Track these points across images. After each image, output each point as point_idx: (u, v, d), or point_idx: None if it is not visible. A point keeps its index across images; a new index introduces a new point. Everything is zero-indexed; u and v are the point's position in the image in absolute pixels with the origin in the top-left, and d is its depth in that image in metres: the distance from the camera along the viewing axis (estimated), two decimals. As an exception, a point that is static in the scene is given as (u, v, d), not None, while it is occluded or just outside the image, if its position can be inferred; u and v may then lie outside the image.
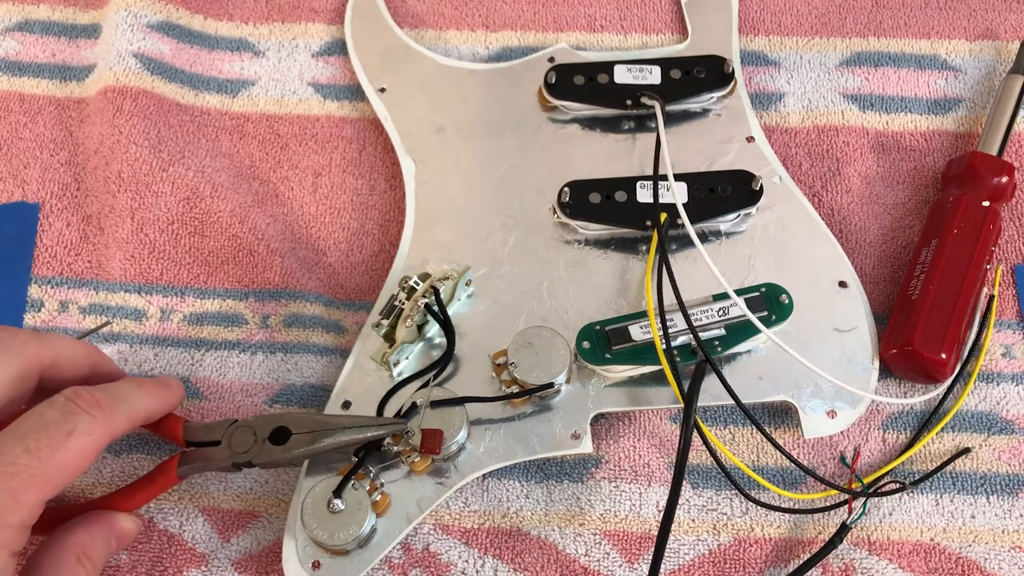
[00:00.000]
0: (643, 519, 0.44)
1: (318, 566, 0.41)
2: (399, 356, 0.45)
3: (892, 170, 0.52)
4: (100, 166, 0.51)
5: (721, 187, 0.48)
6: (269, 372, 0.47)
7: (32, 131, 0.53)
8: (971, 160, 0.49)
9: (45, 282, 0.49)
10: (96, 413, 0.35)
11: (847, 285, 0.47)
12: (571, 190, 0.48)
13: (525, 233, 0.49)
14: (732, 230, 0.49)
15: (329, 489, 0.40)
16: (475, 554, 0.43)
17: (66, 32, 0.56)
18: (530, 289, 0.47)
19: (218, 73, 0.55)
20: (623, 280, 0.47)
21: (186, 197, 0.50)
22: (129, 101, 0.52)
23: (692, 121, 0.51)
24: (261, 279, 0.49)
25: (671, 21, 0.56)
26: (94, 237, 0.50)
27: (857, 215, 0.50)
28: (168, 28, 0.55)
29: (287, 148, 0.53)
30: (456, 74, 0.53)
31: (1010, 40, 0.55)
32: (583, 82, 0.51)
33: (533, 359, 0.43)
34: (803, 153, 0.52)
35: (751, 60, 0.54)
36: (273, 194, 0.52)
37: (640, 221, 0.47)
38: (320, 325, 0.48)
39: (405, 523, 0.42)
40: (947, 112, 0.53)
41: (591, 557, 0.43)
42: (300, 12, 0.56)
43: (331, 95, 0.54)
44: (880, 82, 0.54)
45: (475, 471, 0.43)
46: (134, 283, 0.49)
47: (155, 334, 0.48)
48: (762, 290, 0.45)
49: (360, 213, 0.51)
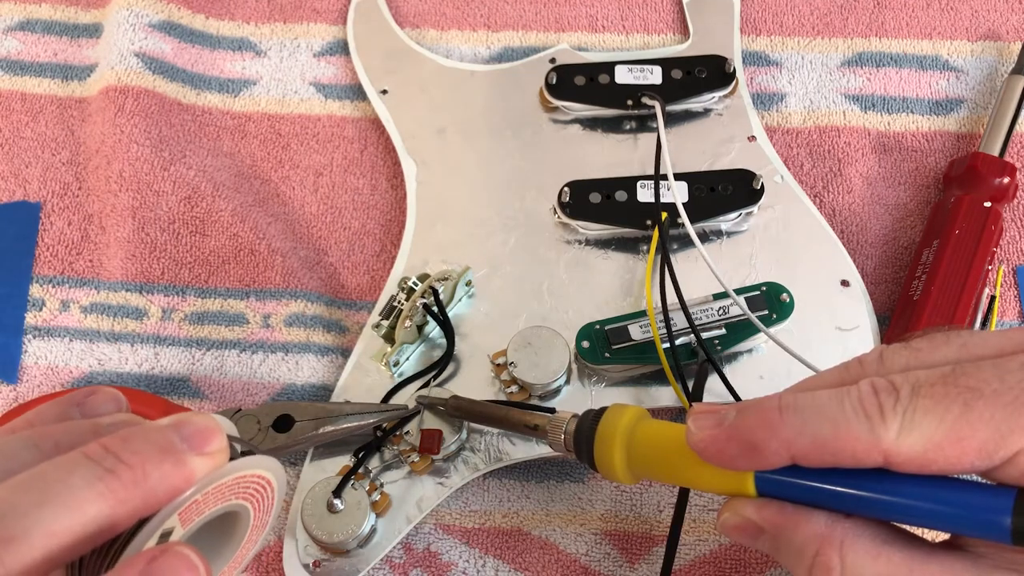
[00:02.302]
0: (644, 519, 0.44)
1: (318, 566, 0.41)
2: (399, 356, 0.45)
3: (894, 171, 0.52)
4: (101, 165, 0.51)
5: (722, 186, 0.48)
6: (270, 372, 0.47)
7: (34, 130, 0.53)
8: (973, 161, 0.49)
9: (46, 281, 0.49)
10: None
11: (849, 284, 0.47)
12: (571, 190, 0.48)
13: (526, 233, 0.49)
14: (733, 229, 0.48)
15: (329, 489, 0.40)
16: (476, 554, 0.43)
17: (68, 31, 0.56)
18: (530, 289, 0.47)
19: (220, 73, 0.55)
20: (623, 280, 0.47)
21: (187, 196, 0.50)
22: (131, 100, 0.52)
23: (693, 121, 0.51)
24: (262, 279, 0.49)
25: (673, 21, 0.56)
26: (95, 236, 0.50)
27: (858, 216, 0.50)
28: (170, 27, 0.55)
29: (288, 148, 0.53)
30: (457, 75, 0.53)
31: (1012, 41, 0.55)
32: (584, 82, 0.51)
33: (532, 359, 0.43)
34: (804, 153, 0.52)
35: (753, 60, 0.54)
36: (274, 194, 0.52)
37: (640, 221, 0.47)
38: (321, 325, 0.48)
39: (405, 523, 0.42)
40: (949, 113, 0.53)
41: (591, 557, 0.43)
42: (302, 12, 0.56)
43: (332, 95, 0.54)
44: (882, 82, 0.54)
45: (475, 471, 0.43)
46: (135, 282, 0.49)
47: (156, 333, 0.48)
48: (763, 289, 0.45)
49: (361, 213, 0.51)
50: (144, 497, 0.25)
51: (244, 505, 0.28)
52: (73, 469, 0.24)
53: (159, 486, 0.25)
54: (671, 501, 0.44)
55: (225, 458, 0.27)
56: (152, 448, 0.25)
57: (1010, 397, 0.26)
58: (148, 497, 0.25)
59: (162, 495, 0.25)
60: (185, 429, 0.26)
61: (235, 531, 0.29)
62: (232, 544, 0.29)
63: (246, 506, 0.29)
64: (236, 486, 0.28)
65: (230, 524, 0.29)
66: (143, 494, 0.25)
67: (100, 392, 0.30)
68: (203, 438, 0.26)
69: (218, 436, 0.27)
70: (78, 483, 0.24)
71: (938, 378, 0.27)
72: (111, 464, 0.25)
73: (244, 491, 0.28)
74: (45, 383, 0.47)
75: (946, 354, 0.29)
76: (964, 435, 0.26)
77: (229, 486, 0.27)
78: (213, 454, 0.26)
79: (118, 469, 0.24)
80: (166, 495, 0.25)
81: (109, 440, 0.25)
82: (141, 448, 0.25)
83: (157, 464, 0.25)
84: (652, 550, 0.43)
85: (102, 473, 0.24)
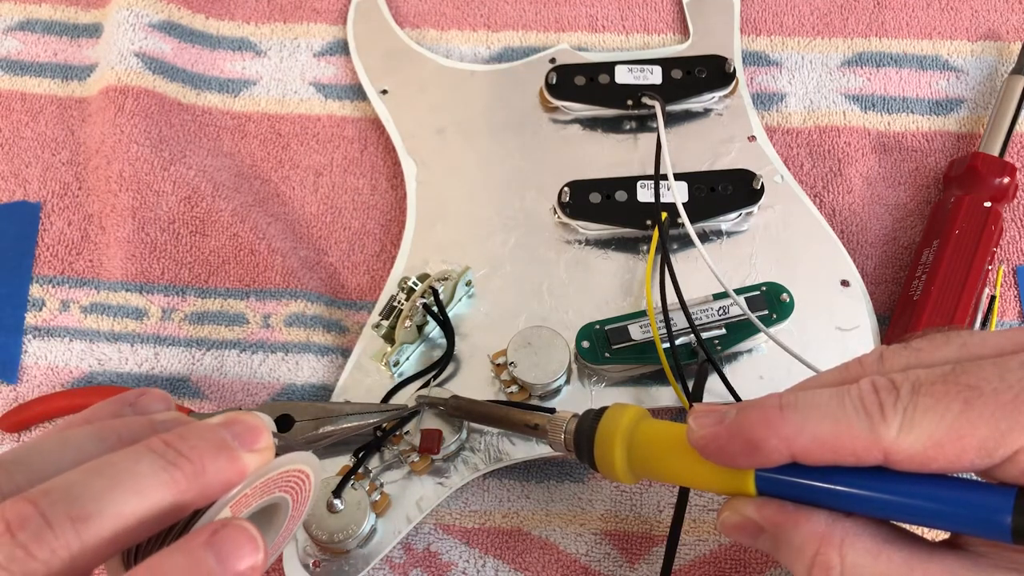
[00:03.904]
0: (644, 519, 0.44)
1: (318, 566, 0.41)
2: (399, 356, 0.45)
3: (894, 171, 0.52)
4: (101, 165, 0.51)
5: (722, 186, 0.48)
6: (270, 372, 0.47)
7: (34, 130, 0.53)
8: (973, 161, 0.49)
9: (46, 281, 0.49)
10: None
11: (849, 284, 0.47)
12: (571, 190, 0.48)
13: (526, 233, 0.49)
14: (733, 229, 0.48)
15: (329, 489, 0.40)
16: (476, 554, 0.43)
17: (68, 31, 0.56)
18: (530, 289, 0.47)
19: (220, 72, 0.55)
20: (623, 280, 0.47)
21: (187, 196, 0.50)
22: (131, 100, 0.52)
23: (693, 121, 0.51)
24: (262, 278, 0.49)
25: (673, 21, 0.56)
26: (95, 236, 0.50)
27: (858, 216, 0.50)
28: (170, 27, 0.55)
29: (288, 148, 0.53)
30: (457, 75, 0.53)
31: (1012, 41, 0.55)
32: (584, 82, 0.51)
33: (532, 359, 0.43)
34: (805, 153, 0.52)
35: (753, 61, 0.54)
36: (274, 193, 0.52)
37: (640, 221, 0.47)
38: (321, 325, 0.48)
39: (405, 523, 0.42)
40: (949, 113, 0.53)
41: (591, 557, 0.43)
42: (302, 12, 0.56)
43: (332, 95, 0.54)
44: (882, 82, 0.54)
45: (475, 471, 0.43)
46: (135, 282, 0.49)
47: (156, 333, 0.48)
48: (763, 289, 0.45)
49: (361, 213, 0.51)
50: (202, 489, 0.27)
51: (284, 497, 0.30)
52: (139, 459, 0.26)
53: (215, 479, 0.27)
54: (671, 501, 0.44)
55: (271, 455, 0.29)
56: (208, 444, 0.27)
57: (1010, 396, 0.26)
58: (205, 489, 0.27)
59: (218, 487, 0.27)
60: (236, 428, 0.28)
61: (274, 521, 0.31)
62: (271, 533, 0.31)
63: (286, 498, 0.30)
64: (280, 480, 0.29)
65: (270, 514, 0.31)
66: (201, 486, 0.27)
67: (150, 393, 0.32)
68: (253, 436, 0.28)
69: (265, 434, 0.29)
70: (144, 471, 0.26)
71: (938, 377, 0.27)
72: (173, 457, 0.26)
73: (286, 484, 0.30)
74: (45, 383, 0.47)
75: (946, 354, 0.29)
76: (964, 433, 0.26)
77: (274, 480, 0.29)
78: (262, 451, 0.28)
79: (179, 462, 0.26)
80: (221, 487, 0.27)
81: (169, 436, 0.27)
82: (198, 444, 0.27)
83: (213, 459, 0.27)
84: (652, 550, 0.43)
85: (166, 464, 0.26)
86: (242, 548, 0.26)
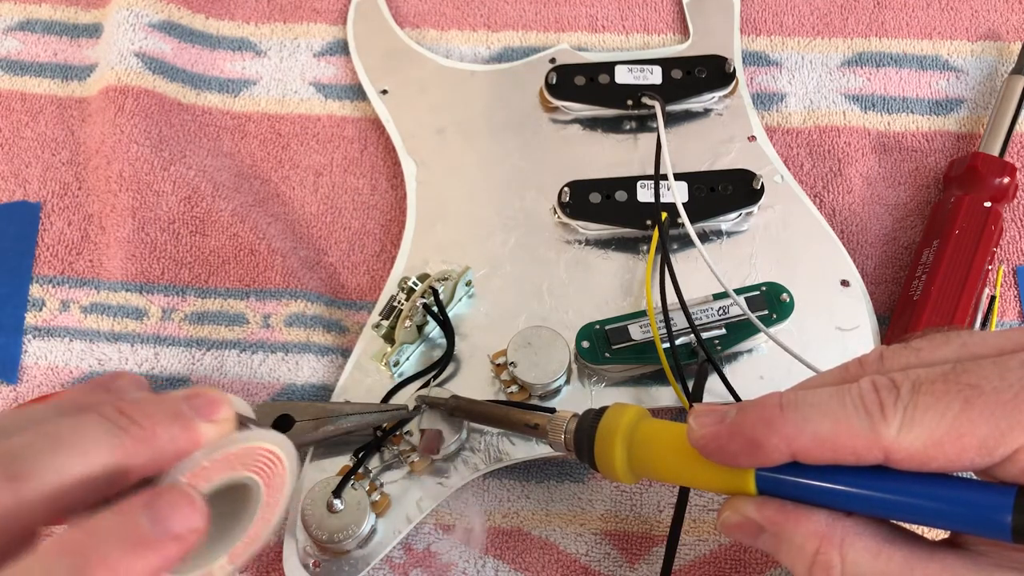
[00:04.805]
0: (644, 519, 0.44)
1: (318, 566, 0.41)
2: (399, 356, 0.45)
3: (894, 171, 0.52)
4: (101, 165, 0.51)
5: (722, 186, 0.48)
6: (270, 372, 0.47)
7: (34, 130, 0.53)
8: (973, 161, 0.49)
9: (46, 281, 0.49)
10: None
11: (849, 284, 0.47)
12: (571, 190, 0.48)
13: (526, 233, 0.49)
14: (733, 229, 0.48)
15: (329, 489, 0.40)
16: (476, 554, 0.43)
17: (68, 31, 0.56)
18: (530, 289, 0.47)
19: (219, 72, 0.55)
20: (623, 280, 0.47)
21: (187, 196, 0.50)
22: (131, 100, 0.52)
23: (693, 121, 0.51)
24: (262, 279, 0.49)
25: (673, 21, 0.56)
26: (95, 236, 0.50)
27: (858, 216, 0.50)
28: (170, 27, 0.55)
29: (288, 148, 0.53)
30: (457, 75, 0.53)
31: (1012, 41, 0.55)
32: (584, 82, 0.51)
33: (532, 359, 0.43)
34: (805, 153, 0.52)
35: (753, 61, 0.54)
36: (274, 194, 0.52)
37: (640, 221, 0.47)
38: (321, 325, 0.48)
39: (405, 523, 0.42)
40: (949, 113, 0.53)
41: (591, 557, 0.43)
42: (302, 12, 0.56)
43: (332, 95, 0.54)
44: (882, 82, 0.54)
45: (475, 471, 0.43)
46: (135, 282, 0.49)
47: (156, 333, 0.48)
48: (763, 289, 0.45)
49: (361, 213, 0.51)
50: (152, 455, 0.27)
51: (254, 479, 0.30)
52: (86, 423, 0.27)
53: (167, 446, 0.27)
54: (671, 501, 0.44)
55: (231, 427, 0.29)
56: (163, 413, 0.28)
57: (1010, 394, 0.26)
58: (156, 455, 0.27)
59: (170, 455, 0.27)
60: (195, 400, 0.29)
61: (247, 506, 0.30)
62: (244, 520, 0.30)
63: (256, 480, 0.30)
64: (245, 457, 0.29)
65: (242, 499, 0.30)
66: (151, 451, 0.27)
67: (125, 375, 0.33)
68: (211, 407, 0.29)
69: (225, 406, 0.29)
70: (89, 434, 0.26)
71: (939, 376, 0.27)
72: (124, 423, 0.27)
73: (254, 464, 0.30)
74: (45, 383, 0.47)
75: (946, 353, 0.29)
76: (964, 432, 0.26)
77: (238, 456, 0.29)
78: (220, 422, 0.29)
79: (128, 427, 0.27)
80: (174, 455, 0.27)
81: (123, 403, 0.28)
82: (153, 412, 0.28)
83: (166, 427, 0.27)
84: (652, 550, 0.43)
85: (113, 429, 0.27)
86: (180, 510, 0.26)
